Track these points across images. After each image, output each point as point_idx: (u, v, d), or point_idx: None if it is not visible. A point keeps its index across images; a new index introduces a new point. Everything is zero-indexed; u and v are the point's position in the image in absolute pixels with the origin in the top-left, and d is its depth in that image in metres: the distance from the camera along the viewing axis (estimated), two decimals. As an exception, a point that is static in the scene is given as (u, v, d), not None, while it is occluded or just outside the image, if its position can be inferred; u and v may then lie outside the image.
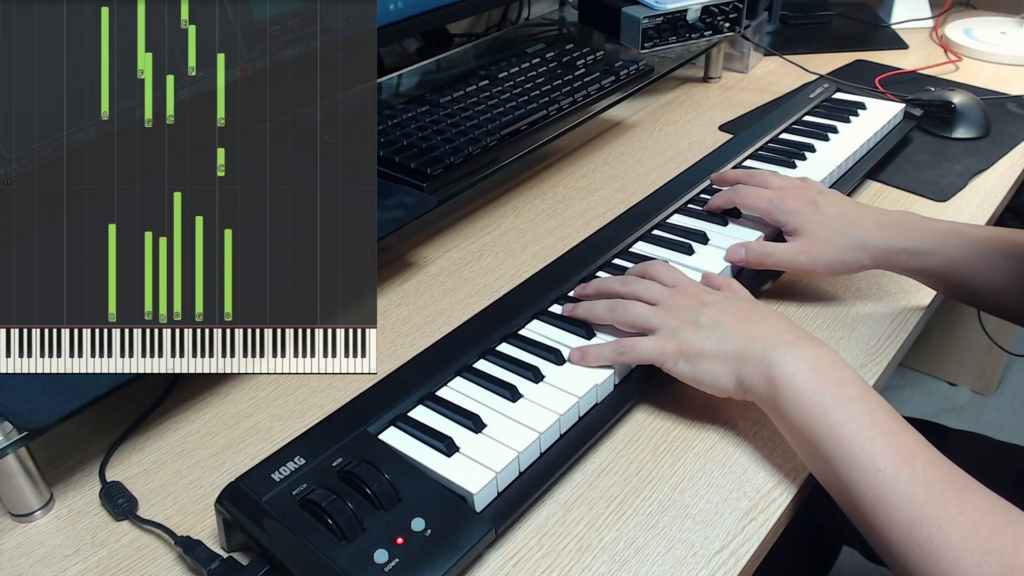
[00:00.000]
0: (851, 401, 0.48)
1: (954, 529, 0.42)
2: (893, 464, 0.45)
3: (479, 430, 0.53)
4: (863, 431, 0.47)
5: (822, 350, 0.52)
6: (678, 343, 0.55)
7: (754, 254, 0.67)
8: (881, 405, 0.49)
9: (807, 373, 0.50)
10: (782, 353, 0.51)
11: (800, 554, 0.89)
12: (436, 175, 0.72)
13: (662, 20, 0.98)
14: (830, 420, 0.48)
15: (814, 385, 0.49)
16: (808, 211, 0.66)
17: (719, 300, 0.57)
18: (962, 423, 1.75)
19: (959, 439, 0.85)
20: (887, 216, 0.66)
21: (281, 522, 0.46)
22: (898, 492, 0.45)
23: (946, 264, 0.63)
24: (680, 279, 0.61)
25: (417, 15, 0.87)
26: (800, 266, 0.66)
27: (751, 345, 0.52)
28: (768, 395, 0.51)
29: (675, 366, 0.55)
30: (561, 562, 0.49)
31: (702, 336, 0.54)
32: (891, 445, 0.46)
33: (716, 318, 0.55)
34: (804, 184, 0.70)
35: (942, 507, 0.43)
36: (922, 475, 0.45)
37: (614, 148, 0.97)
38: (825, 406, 0.48)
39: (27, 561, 0.50)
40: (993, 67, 1.16)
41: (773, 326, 0.54)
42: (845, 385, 0.49)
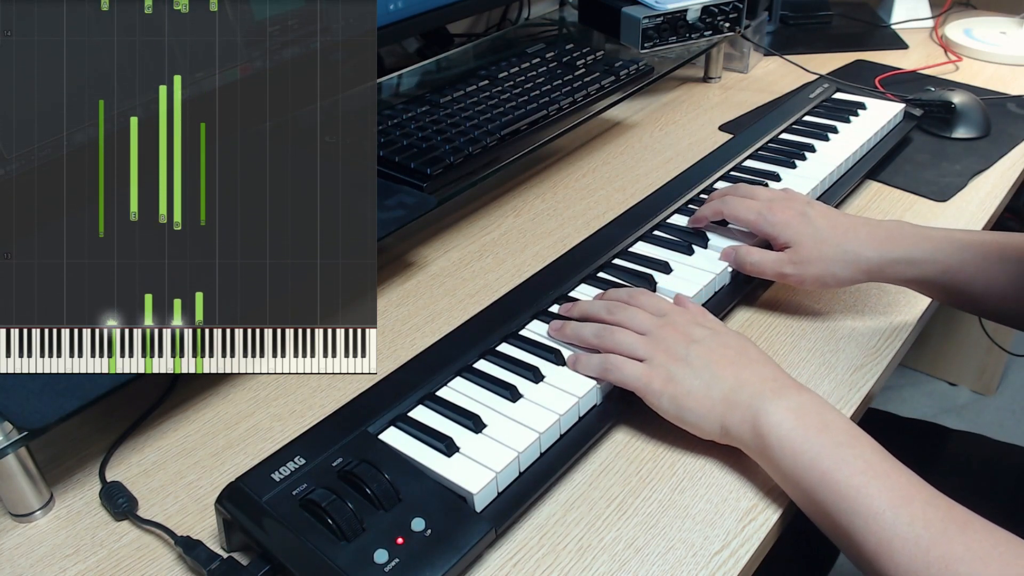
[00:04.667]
0: (840, 446, 0.48)
1: (962, 568, 0.42)
2: (892, 507, 0.45)
3: (479, 430, 0.53)
4: (856, 475, 0.46)
5: (806, 396, 0.51)
6: (666, 379, 0.54)
7: (740, 258, 0.66)
8: (871, 446, 0.48)
9: (792, 422, 0.49)
10: (767, 403, 0.50)
11: (800, 554, 0.89)
12: (436, 175, 0.72)
13: (662, 20, 0.98)
14: (822, 467, 0.47)
15: (801, 433, 0.49)
16: (798, 223, 0.65)
17: (708, 337, 0.56)
18: (962, 423, 1.75)
19: (959, 439, 0.85)
20: (878, 227, 0.64)
21: (281, 522, 0.46)
22: (901, 536, 0.44)
23: (943, 272, 0.62)
24: (666, 308, 0.59)
25: (417, 15, 0.87)
26: (787, 278, 0.65)
27: (738, 392, 0.52)
28: (756, 445, 0.51)
29: (659, 401, 0.54)
30: (561, 562, 0.49)
31: (691, 376, 0.53)
32: (887, 487, 0.46)
33: (706, 358, 0.54)
34: (790, 196, 0.69)
35: (947, 547, 0.43)
36: (922, 515, 0.44)
37: (614, 148, 0.97)
38: (815, 453, 0.48)
39: (27, 561, 0.50)
40: (993, 67, 1.16)
41: (760, 372, 0.53)
42: (832, 430, 0.49)
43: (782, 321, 0.68)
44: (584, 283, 0.67)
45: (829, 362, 0.63)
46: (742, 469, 0.54)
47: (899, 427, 0.88)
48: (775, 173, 0.82)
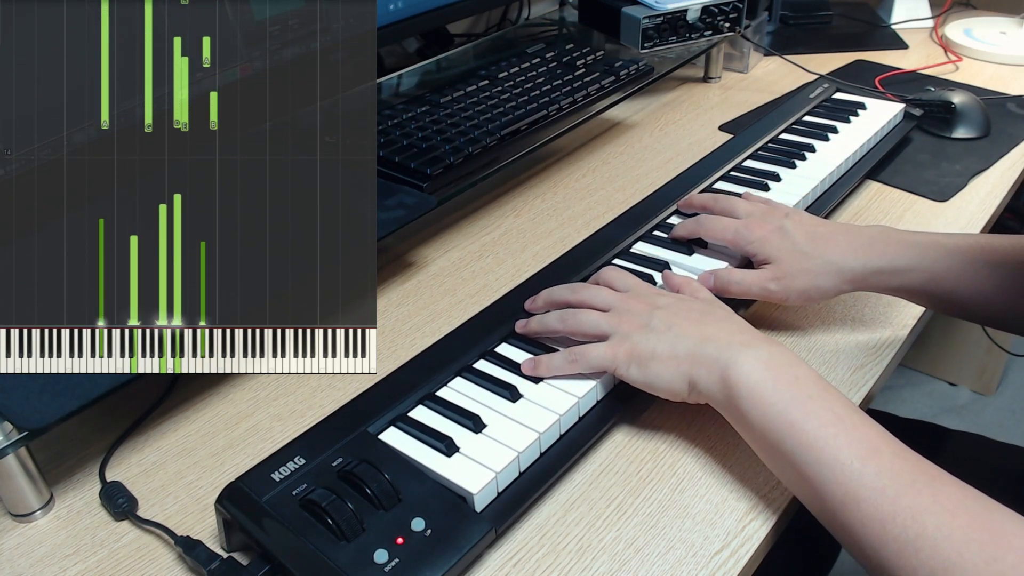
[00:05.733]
0: (810, 398, 0.48)
1: (929, 519, 0.41)
2: (859, 457, 0.45)
3: (479, 430, 0.53)
4: (825, 427, 0.46)
5: (776, 348, 0.51)
6: (629, 347, 0.54)
7: (722, 281, 0.64)
8: (840, 400, 0.48)
9: (762, 373, 0.49)
10: (736, 353, 0.50)
11: (800, 554, 0.89)
12: (436, 175, 0.72)
13: (662, 20, 0.98)
14: (790, 418, 0.47)
15: (771, 384, 0.49)
16: (776, 239, 0.64)
17: (672, 303, 0.56)
18: (962, 423, 1.75)
19: (959, 439, 0.85)
20: (860, 234, 0.63)
21: (281, 522, 0.46)
22: (867, 486, 0.44)
23: (928, 279, 0.61)
24: (632, 283, 0.59)
25: (417, 15, 0.87)
26: (773, 295, 0.63)
27: (704, 346, 0.52)
28: (724, 397, 0.50)
29: (627, 372, 0.54)
30: (561, 562, 0.49)
31: (653, 339, 0.53)
32: (855, 439, 0.46)
33: (668, 320, 0.54)
34: (770, 209, 0.68)
35: (915, 497, 0.42)
36: (890, 466, 0.44)
37: (614, 148, 0.97)
38: (784, 404, 0.48)
39: (27, 561, 0.50)
40: (993, 67, 1.16)
41: (726, 327, 0.53)
42: (802, 382, 0.49)
43: (782, 321, 0.68)
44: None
45: (829, 362, 0.63)
46: (742, 469, 0.54)
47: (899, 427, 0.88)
48: (775, 173, 0.82)
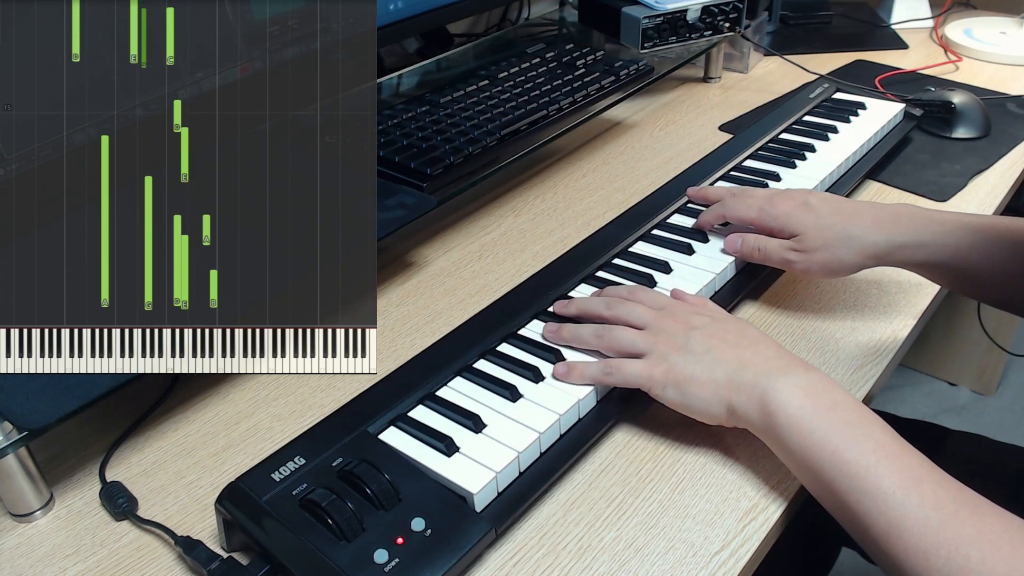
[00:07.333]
0: (850, 425, 0.48)
1: (972, 551, 0.41)
2: (902, 487, 0.44)
3: (479, 430, 0.53)
4: (866, 455, 0.46)
5: (814, 374, 0.51)
6: (667, 368, 0.53)
7: (748, 246, 0.66)
8: (881, 427, 0.48)
9: (801, 400, 0.49)
10: (775, 380, 0.50)
11: (800, 554, 0.89)
12: (436, 175, 0.72)
13: (662, 20, 0.98)
14: (831, 446, 0.47)
15: (810, 411, 0.48)
16: (800, 213, 0.64)
17: (708, 324, 0.55)
18: (962, 423, 1.75)
19: (959, 439, 0.85)
20: (884, 210, 0.64)
21: (281, 522, 0.46)
22: (910, 516, 0.43)
23: (951, 255, 0.61)
24: (664, 301, 0.59)
25: (417, 15, 0.87)
26: (793, 265, 0.64)
27: (742, 372, 0.51)
28: (763, 424, 0.50)
29: (663, 392, 0.53)
30: (561, 562, 0.49)
31: (692, 362, 0.53)
32: (897, 468, 0.45)
33: (706, 343, 0.54)
34: (790, 190, 0.69)
35: (958, 528, 0.42)
36: (932, 497, 0.44)
37: (614, 148, 0.97)
38: (823, 432, 0.47)
39: (27, 561, 0.50)
40: (993, 67, 1.16)
41: (763, 352, 0.53)
42: (841, 409, 0.49)
43: (782, 321, 0.68)
44: (584, 283, 0.67)
45: (829, 362, 0.63)
46: (742, 469, 0.54)
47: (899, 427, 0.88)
48: (775, 173, 0.82)
